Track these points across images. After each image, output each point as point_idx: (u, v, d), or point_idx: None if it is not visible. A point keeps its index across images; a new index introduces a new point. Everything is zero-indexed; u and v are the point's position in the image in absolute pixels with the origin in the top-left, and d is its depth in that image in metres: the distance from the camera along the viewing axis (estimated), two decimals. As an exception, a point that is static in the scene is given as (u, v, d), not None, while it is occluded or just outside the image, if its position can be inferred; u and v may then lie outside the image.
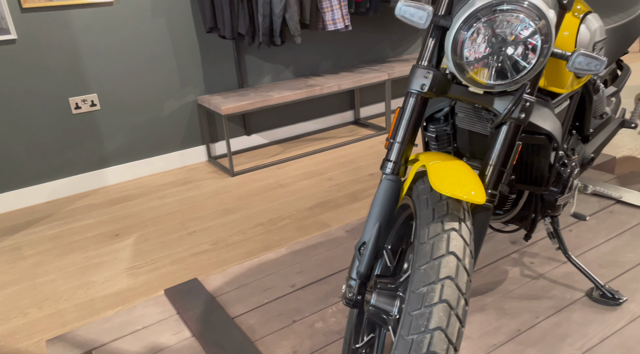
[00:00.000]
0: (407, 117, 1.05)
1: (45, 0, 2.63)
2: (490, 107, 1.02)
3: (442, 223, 0.89)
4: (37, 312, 1.86)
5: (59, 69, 2.75)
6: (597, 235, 1.89)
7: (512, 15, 0.90)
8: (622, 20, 1.58)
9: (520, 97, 0.99)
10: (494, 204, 1.06)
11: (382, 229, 1.04)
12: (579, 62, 0.94)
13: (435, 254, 0.86)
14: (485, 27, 0.92)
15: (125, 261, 2.16)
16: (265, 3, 2.75)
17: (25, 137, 2.75)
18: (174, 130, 3.19)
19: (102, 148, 2.99)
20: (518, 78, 0.95)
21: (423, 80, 1.01)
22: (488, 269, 1.74)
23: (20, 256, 2.28)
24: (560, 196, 1.41)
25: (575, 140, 1.57)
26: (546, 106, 1.13)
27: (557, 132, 1.13)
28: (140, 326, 1.57)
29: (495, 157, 1.04)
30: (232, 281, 1.77)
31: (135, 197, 2.84)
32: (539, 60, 0.92)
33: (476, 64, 0.95)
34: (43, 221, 2.62)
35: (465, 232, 0.89)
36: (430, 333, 0.80)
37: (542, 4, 0.90)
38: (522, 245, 1.87)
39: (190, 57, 3.10)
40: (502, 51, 0.93)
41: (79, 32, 2.75)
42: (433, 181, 0.92)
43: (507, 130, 1.03)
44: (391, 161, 1.05)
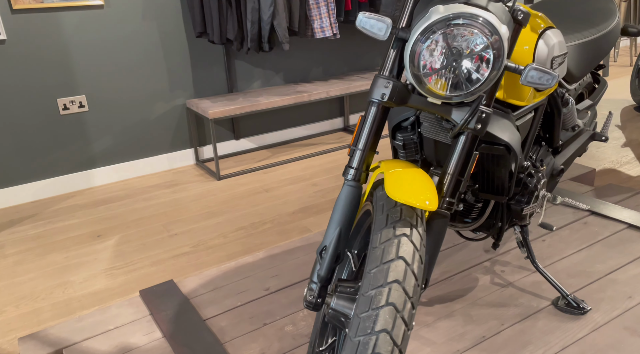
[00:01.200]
0: (369, 125, 1.08)
1: (36, 2, 2.66)
2: (449, 117, 1.05)
3: (394, 228, 0.92)
4: (14, 310, 1.87)
5: (48, 70, 2.78)
6: (569, 245, 1.92)
7: (466, 29, 0.93)
8: (592, 36, 1.62)
9: (476, 108, 1.02)
10: (451, 212, 1.09)
11: (342, 233, 1.07)
12: (531, 76, 0.97)
13: (385, 258, 0.88)
14: (440, 40, 0.95)
15: (105, 262, 2.18)
16: (254, 10, 2.79)
17: (12, 137, 2.77)
18: (162, 132, 3.22)
19: (90, 150, 3.01)
20: (472, 90, 0.98)
21: (383, 90, 1.04)
22: (459, 276, 1.76)
23: (2, 255, 2.30)
24: (527, 206, 1.44)
25: (545, 152, 1.60)
26: (506, 118, 1.16)
27: (516, 143, 1.16)
28: (113, 326, 1.59)
29: (453, 166, 1.07)
30: (208, 283, 1.79)
31: (121, 199, 2.86)
32: (491, 73, 0.96)
33: (432, 75, 0.98)
34: (27, 221, 2.64)
35: (416, 238, 0.92)
36: (376, 335, 0.83)
37: (495, 20, 0.93)
38: (494, 254, 1.89)
39: (180, 60, 3.13)
40: (456, 64, 0.96)
41: (69, 33, 2.78)
42: (388, 188, 0.95)
43: (465, 140, 1.06)
44: (353, 167, 1.08)
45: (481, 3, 0.94)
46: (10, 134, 2.76)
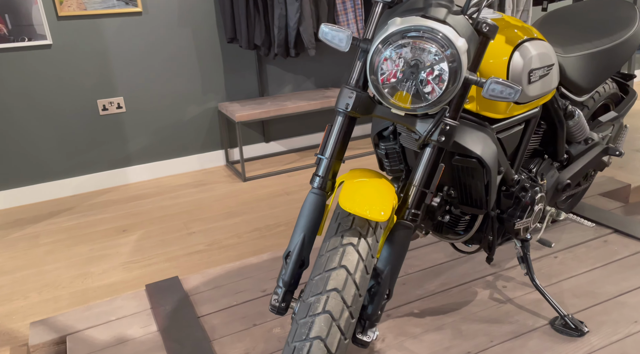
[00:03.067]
0: (335, 134, 1.09)
1: (80, 10, 2.84)
2: (413, 128, 1.05)
3: (342, 237, 0.93)
4: (36, 296, 2.02)
5: (90, 73, 2.96)
6: (582, 263, 1.84)
7: (421, 42, 0.93)
8: (604, 46, 1.54)
9: (439, 120, 1.01)
10: (416, 223, 1.09)
11: (306, 240, 1.08)
12: (492, 89, 0.95)
13: (327, 266, 0.89)
14: (397, 52, 0.95)
15: (124, 256, 2.30)
16: (281, 16, 2.85)
17: (56, 135, 2.97)
18: (194, 134, 3.34)
19: (126, 148, 3.18)
20: (431, 102, 0.97)
21: (347, 100, 1.05)
22: (458, 289, 1.73)
23: (36, 244, 2.47)
24: (518, 220, 1.39)
25: (547, 165, 1.54)
26: (481, 130, 1.14)
27: (490, 156, 1.13)
28: (115, 317, 1.68)
29: (418, 177, 1.06)
30: (210, 281, 1.86)
31: (150, 196, 2.99)
32: (448, 86, 0.94)
33: (390, 87, 0.98)
34: (64, 213, 2.82)
35: (364, 248, 0.93)
36: (310, 341, 0.84)
37: (451, 33, 0.92)
38: (500, 268, 1.84)
39: (213, 65, 3.24)
40: (413, 76, 0.96)
41: (109, 39, 2.95)
42: (341, 197, 0.96)
43: (430, 152, 1.05)
44: (319, 176, 1.10)
45: (439, 16, 0.93)
46: (54, 132, 2.96)
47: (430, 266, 1.87)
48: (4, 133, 2.84)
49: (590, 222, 1.58)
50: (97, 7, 2.88)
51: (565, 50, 1.46)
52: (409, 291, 1.73)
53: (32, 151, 2.94)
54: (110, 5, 2.91)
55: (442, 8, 0.94)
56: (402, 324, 1.56)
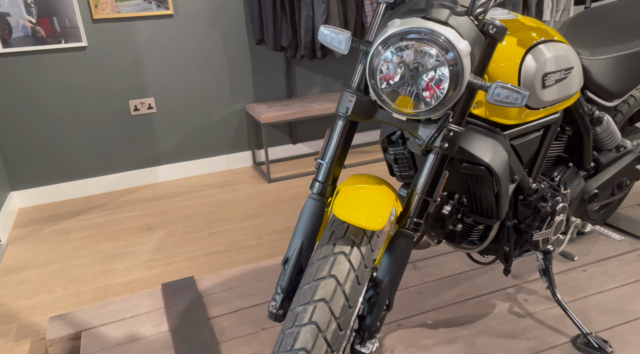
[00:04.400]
0: (335, 139, 1.06)
1: (114, 12, 2.92)
2: (415, 133, 1.01)
3: (334, 245, 0.90)
4: (61, 291, 2.07)
5: (122, 74, 3.03)
6: (612, 278, 1.73)
7: (421, 44, 0.89)
8: (638, 47, 1.45)
9: (442, 126, 0.97)
10: (418, 233, 1.04)
11: (304, 246, 1.06)
12: (497, 94, 0.90)
13: (317, 275, 0.87)
14: (396, 55, 0.91)
15: (147, 254, 2.34)
16: (308, 17, 2.84)
17: (89, 134, 3.06)
18: (222, 134, 3.38)
19: (156, 148, 3.24)
20: (432, 107, 0.93)
21: (347, 104, 1.02)
22: (476, 301, 1.66)
23: (66, 240, 2.55)
24: (537, 231, 1.32)
25: (572, 174, 1.46)
26: (491, 137, 1.08)
27: (500, 163, 1.08)
28: (129, 315, 1.71)
29: (421, 185, 1.02)
30: (224, 282, 1.86)
31: (177, 195, 3.04)
32: (449, 91, 0.90)
33: (390, 91, 0.94)
34: (95, 210, 2.90)
35: (356, 257, 0.89)
36: (295, 352, 0.82)
37: (453, 35, 0.87)
38: (522, 280, 1.76)
39: (241, 67, 3.27)
40: (413, 80, 0.92)
41: (141, 41, 3.02)
42: (335, 204, 0.93)
43: (434, 158, 1.01)
44: (318, 181, 1.07)
45: (440, 17, 0.89)
46: (88, 131, 3.05)
47: (447, 276, 1.81)
48: (40, 132, 2.95)
49: (619, 235, 1.48)
50: (130, 10, 2.95)
51: (592, 52, 1.38)
52: (423, 300, 1.68)
53: (66, 150, 3.04)
54: (143, 8, 2.97)
55: (444, 9, 0.89)
56: (414, 335, 1.51)
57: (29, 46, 2.80)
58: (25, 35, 2.76)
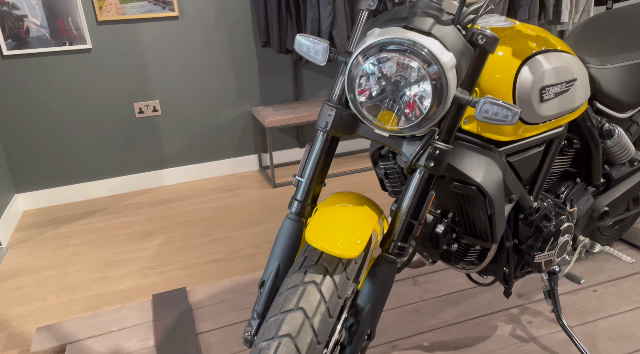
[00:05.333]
0: (315, 155, 0.99)
1: (118, 14, 2.89)
2: (399, 151, 0.93)
3: (304, 273, 0.83)
4: (54, 299, 2.04)
5: (127, 76, 3.00)
6: (625, 300, 1.63)
7: (401, 56, 0.81)
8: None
9: (427, 143, 0.88)
10: (403, 257, 0.97)
11: (281, 269, 0.99)
12: (485, 111, 0.81)
13: (284, 307, 0.80)
14: (375, 67, 0.83)
15: (143, 261, 2.29)
16: (314, 20, 2.76)
17: (94, 136, 3.04)
18: (228, 138, 3.33)
19: (161, 151, 3.21)
20: (414, 124, 0.85)
21: (327, 118, 0.95)
22: (476, 322, 1.57)
23: (66, 244, 2.52)
24: (539, 253, 1.23)
25: (580, 190, 1.36)
26: (484, 154, 1.00)
27: (493, 183, 0.99)
28: (116, 328, 1.66)
29: (405, 206, 0.94)
30: (216, 295, 1.80)
31: (181, 199, 3.00)
32: (432, 107, 0.82)
33: (369, 105, 0.87)
34: (97, 214, 2.88)
35: (328, 287, 0.82)
36: (256, 395, 0.75)
37: (435, 46, 0.79)
38: (528, 300, 1.66)
39: (248, 69, 3.21)
40: (393, 94, 0.84)
41: (146, 43, 2.98)
42: (308, 229, 0.86)
43: (420, 177, 0.92)
44: (297, 200, 1.00)
45: (423, 27, 0.81)
46: (92, 134, 3.03)
47: (448, 293, 1.72)
48: (45, 135, 2.94)
49: (630, 258, 1.37)
50: (135, 11, 2.91)
51: (602, 61, 1.28)
52: (421, 319, 1.60)
53: (71, 152, 3.02)
54: (148, 10, 2.93)
55: (427, 18, 0.81)
56: (407, 359, 1.43)
57: (34, 48, 2.78)
58: (29, 37, 2.75)
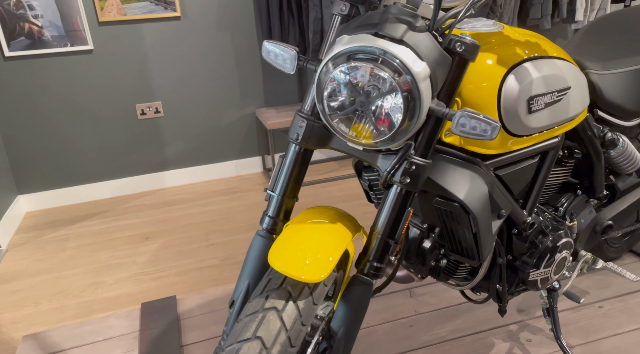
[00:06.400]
0: (287, 168, 0.93)
1: (120, 15, 2.86)
2: (374, 165, 0.87)
3: (266, 299, 0.77)
4: (46, 304, 2.02)
5: (129, 78, 2.98)
6: (633, 318, 1.54)
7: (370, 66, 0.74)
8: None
9: (402, 158, 0.82)
10: (379, 278, 0.90)
11: (250, 289, 0.94)
12: (462, 124, 0.75)
13: (241, 336, 0.74)
14: (344, 77, 0.77)
15: (139, 266, 2.26)
16: (317, 19, 2.70)
17: (96, 138, 3.03)
18: (232, 139, 3.29)
19: (163, 153, 3.18)
20: (386, 138, 0.78)
21: (298, 130, 0.89)
22: (472, 339, 1.50)
23: (64, 248, 2.51)
24: (534, 270, 1.16)
25: (581, 203, 1.28)
26: (468, 168, 0.92)
27: (476, 199, 0.92)
28: (102, 338, 1.62)
29: (381, 224, 0.88)
30: (206, 304, 1.76)
31: (182, 202, 2.97)
32: (404, 120, 0.75)
33: (339, 117, 0.80)
34: (98, 216, 2.86)
35: (290, 314, 0.76)
36: None
37: (407, 55, 0.73)
38: (528, 315, 1.58)
39: (251, 70, 3.16)
40: (364, 106, 0.77)
41: (148, 43, 2.95)
42: (272, 250, 0.80)
43: (396, 193, 0.86)
44: (268, 216, 0.95)
45: (395, 34, 0.74)
46: (94, 136, 3.02)
47: (445, 307, 1.65)
48: (47, 136, 2.93)
49: (634, 276, 1.28)
50: (137, 12, 2.89)
51: (605, 66, 1.19)
52: (414, 335, 1.53)
53: (73, 154, 3.01)
54: (149, 11, 2.90)
55: (400, 24, 0.75)
56: (397, 377, 1.37)
57: (35, 49, 2.77)
58: (31, 38, 2.74)
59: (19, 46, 2.74)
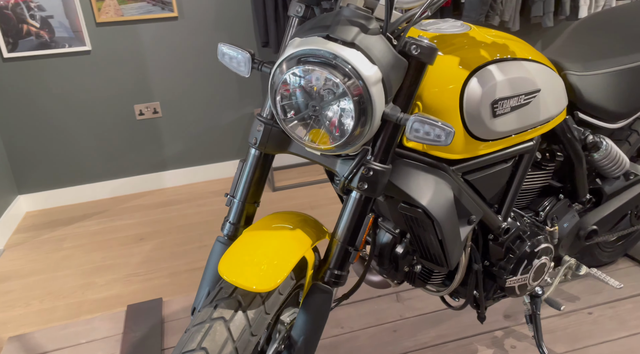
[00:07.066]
0: (247, 172, 0.92)
1: (117, 16, 2.87)
2: (333, 169, 0.85)
3: (214, 308, 0.75)
4: (37, 305, 2.03)
5: (126, 78, 2.99)
6: (622, 325, 1.49)
7: (320, 70, 0.72)
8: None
9: (359, 164, 0.80)
10: (340, 285, 0.88)
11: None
12: (415, 129, 0.72)
13: (186, 347, 0.73)
14: (296, 80, 0.75)
15: (131, 267, 2.26)
16: (312, 19, 2.68)
17: (94, 138, 3.04)
18: (230, 139, 3.28)
19: (162, 153, 3.19)
20: (340, 143, 0.76)
21: (256, 134, 0.87)
22: (455, 345, 1.47)
23: (59, 248, 2.52)
24: (511, 276, 1.13)
25: (563, 207, 1.24)
26: (433, 173, 0.90)
27: (440, 205, 0.89)
28: (85, 340, 1.62)
29: (341, 231, 0.85)
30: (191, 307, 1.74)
31: (179, 202, 2.97)
32: (356, 125, 0.73)
33: (293, 122, 0.78)
34: (95, 217, 2.88)
35: (238, 324, 0.74)
36: None
37: (358, 59, 0.71)
38: (515, 322, 1.55)
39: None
40: (316, 110, 0.75)
41: (146, 44, 2.96)
42: (222, 259, 0.78)
43: (355, 199, 0.84)
44: (229, 222, 0.93)
45: (346, 37, 0.72)
46: (93, 136, 3.03)
47: (431, 311, 1.62)
48: (46, 136, 2.95)
49: (618, 283, 1.24)
50: (134, 12, 2.89)
51: (587, 67, 1.15)
52: (397, 340, 1.50)
53: (72, 154, 3.03)
54: (147, 11, 2.90)
55: (351, 27, 0.72)
56: (375, 384, 1.35)
57: (33, 51, 2.79)
58: (28, 39, 2.76)
59: (19, 47, 2.76)
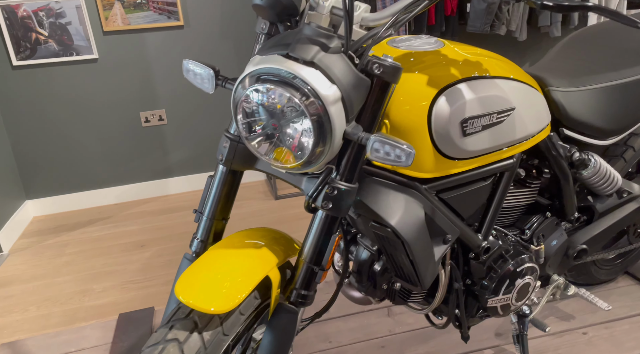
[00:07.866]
0: (215, 189, 0.91)
1: (124, 24, 2.91)
2: (299, 188, 0.84)
3: (170, 329, 0.75)
4: (34, 311, 2.05)
5: (133, 86, 3.02)
6: (617, 347, 1.45)
7: (278, 89, 0.72)
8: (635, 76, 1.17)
9: (323, 182, 0.79)
10: (306, 306, 0.87)
11: (180, 314, 0.92)
12: (376, 149, 0.71)
13: (139, 369, 0.72)
14: (256, 98, 0.74)
15: (128, 274, 2.28)
16: (315, 29, 2.68)
17: (101, 145, 3.08)
18: (235, 148, 3.29)
19: (167, 160, 3.21)
20: (303, 162, 0.75)
21: (223, 150, 0.87)
22: (443, 363, 1.44)
23: (62, 253, 2.55)
24: (493, 296, 1.10)
25: (551, 225, 1.21)
26: (404, 192, 0.88)
27: (410, 225, 0.87)
28: (74, 349, 1.63)
29: (307, 250, 0.84)
30: (181, 317, 1.74)
31: (183, 209, 2.99)
32: (317, 144, 0.72)
33: (255, 139, 0.78)
34: (99, 222, 2.91)
35: (193, 347, 0.73)
36: None
37: (316, 78, 0.70)
38: (506, 340, 1.51)
39: (254, 78, 3.16)
40: (276, 128, 0.74)
41: (152, 52, 2.99)
42: (179, 280, 0.78)
43: (321, 219, 0.83)
44: (197, 239, 0.92)
45: (305, 56, 0.71)
46: (100, 142, 3.07)
47: (421, 327, 1.59)
48: (54, 143, 3.00)
49: (607, 304, 1.20)
50: (141, 21, 2.93)
51: (573, 83, 1.12)
52: (383, 357, 1.48)
53: (79, 160, 3.07)
54: (153, 20, 2.94)
55: (311, 45, 0.71)
56: (357, 402, 1.32)
57: (41, 59, 2.84)
58: (37, 47, 2.81)
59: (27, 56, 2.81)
